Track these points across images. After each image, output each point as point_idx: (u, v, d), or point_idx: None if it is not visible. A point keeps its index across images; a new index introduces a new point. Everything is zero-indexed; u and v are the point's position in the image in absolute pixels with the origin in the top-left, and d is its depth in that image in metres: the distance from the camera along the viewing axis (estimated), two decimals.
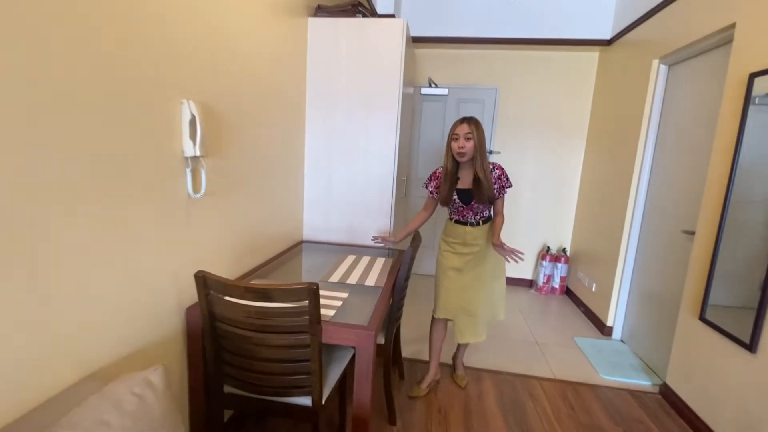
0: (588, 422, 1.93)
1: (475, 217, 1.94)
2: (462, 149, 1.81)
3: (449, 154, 1.86)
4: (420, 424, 1.85)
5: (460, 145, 1.81)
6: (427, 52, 3.80)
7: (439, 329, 2.09)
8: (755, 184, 1.71)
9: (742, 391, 1.66)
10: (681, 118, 2.41)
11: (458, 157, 1.84)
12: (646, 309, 2.60)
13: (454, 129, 1.83)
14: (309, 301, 1.16)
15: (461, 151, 1.81)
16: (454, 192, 1.90)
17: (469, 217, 1.94)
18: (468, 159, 1.84)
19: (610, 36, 3.32)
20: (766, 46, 1.70)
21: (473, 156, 1.83)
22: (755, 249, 1.67)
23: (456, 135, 1.82)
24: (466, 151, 1.81)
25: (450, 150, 1.85)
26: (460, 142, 1.81)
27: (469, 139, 1.80)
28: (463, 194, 1.89)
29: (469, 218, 1.94)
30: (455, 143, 1.82)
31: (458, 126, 1.82)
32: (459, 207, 1.92)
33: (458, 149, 1.81)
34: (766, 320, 1.58)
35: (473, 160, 1.84)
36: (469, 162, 1.86)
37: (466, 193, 1.89)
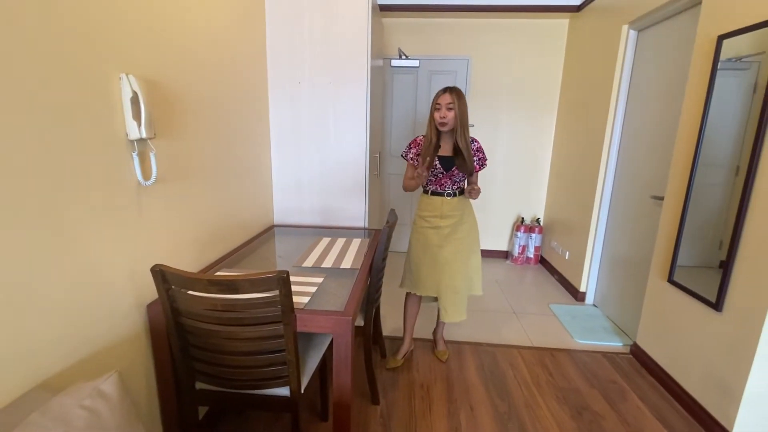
0: (565, 386, 2.00)
1: (452, 187, 1.94)
2: (444, 119, 1.81)
3: (432, 123, 1.87)
4: (403, 401, 1.85)
5: (442, 115, 1.82)
6: (395, 21, 3.64)
7: (413, 303, 2.13)
8: (721, 147, 1.73)
9: (709, 348, 1.74)
10: (650, 85, 2.42)
11: (440, 126, 1.85)
12: (617, 274, 2.68)
13: (437, 98, 1.84)
14: (280, 291, 1.09)
15: (443, 121, 1.82)
16: (436, 158, 1.89)
17: (447, 186, 1.93)
18: (449, 129, 1.84)
19: (580, 2, 3.26)
20: (734, 7, 1.69)
21: (454, 126, 1.82)
22: (720, 210, 1.71)
23: (438, 105, 1.83)
24: (448, 121, 1.81)
25: (432, 118, 1.86)
26: (442, 111, 1.81)
27: (450, 109, 1.80)
28: (444, 160, 1.90)
29: (447, 188, 1.94)
30: (437, 113, 1.83)
31: (441, 96, 1.82)
32: (439, 174, 1.91)
33: (440, 119, 1.82)
34: (731, 280, 1.64)
35: (454, 130, 1.83)
36: (449, 132, 1.87)
37: (448, 159, 1.89)
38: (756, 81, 1.58)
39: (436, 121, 1.84)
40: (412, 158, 1.96)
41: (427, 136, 1.90)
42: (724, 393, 1.65)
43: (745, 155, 1.59)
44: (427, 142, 1.89)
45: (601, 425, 1.73)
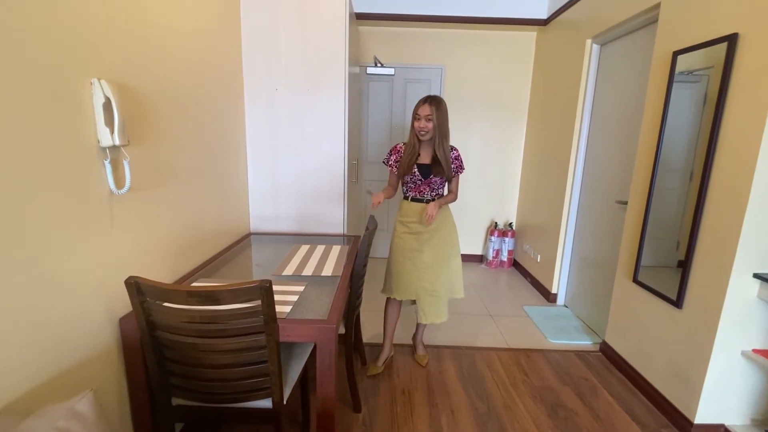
0: (540, 385, 2.06)
1: (431, 194, 1.98)
2: (423, 129, 1.87)
3: (413, 131, 1.92)
4: (385, 407, 1.85)
5: (421, 126, 1.87)
6: (371, 29, 3.68)
7: (393, 308, 2.15)
8: (678, 154, 1.86)
9: (671, 343, 1.85)
10: (613, 96, 2.56)
11: (420, 136, 1.90)
12: (586, 275, 2.81)
13: (417, 109, 1.88)
14: (262, 301, 1.07)
15: (422, 132, 1.88)
16: (415, 165, 1.93)
17: (425, 193, 1.98)
18: (428, 139, 1.90)
19: (546, 16, 3.41)
20: (688, 24, 1.83)
21: (433, 136, 1.88)
22: (678, 214, 1.83)
23: (418, 115, 1.88)
24: (427, 131, 1.88)
25: (413, 128, 1.92)
26: (421, 122, 1.87)
27: (429, 120, 1.86)
28: (422, 168, 1.94)
29: (426, 194, 1.98)
30: (417, 123, 1.88)
31: (421, 106, 1.87)
32: (417, 181, 1.96)
33: (419, 129, 1.88)
34: (690, 279, 1.75)
35: (433, 139, 1.89)
36: (429, 141, 1.92)
37: (426, 167, 1.94)
38: (706, 93, 1.71)
39: (416, 130, 1.89)
40: (392, 164, 2.00)
41: (408, 144, 1.94)
42: (685, 385, 1.75)
43: (699, 162, 1.71)
44: (409, 150, 1.93)
45: (575, 421, 1.80)
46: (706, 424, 1.71)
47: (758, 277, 1.55)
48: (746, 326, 1.61)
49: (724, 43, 1.61)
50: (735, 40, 1.57)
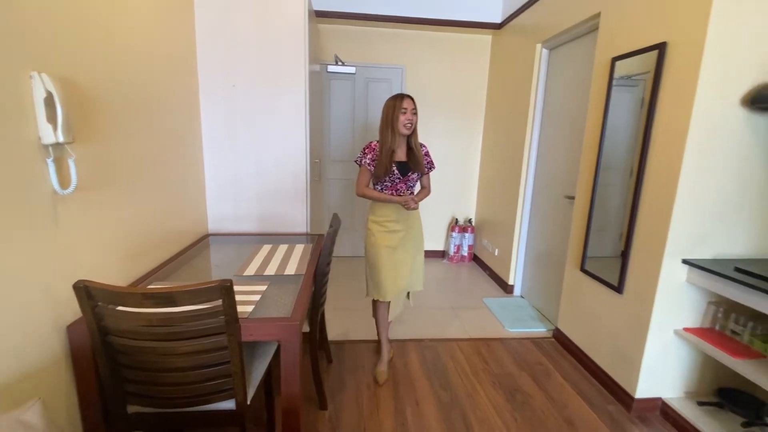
0: (500, 372, 2.16)
1: (407, 192, 1.99)
2: (410, 122, 1.87)
3: (389, 129, 1.88)
4: (351, 403, 1.87)
5: (409, 119, 1.87)
6: (331, 27, 3.67)
7: (384, 311, 2.08)
8: (618, 152, 2.02)
9: (614, 326, 2.01)
10: (561, 98, 2.73)
11: (406, 130, 1.88)
12: (540, 266, 2.97)
13: (401, 103, 1.86)
14: (223, 301, 1.06)
15: (409, 124, 1.88)
16: (393, 164, 1.91)
17: (402, 191, 1.97)
18: (411, 132, 1.91)
19: (501, 20, 3.56)
20: (625, 33, 1.99)
21: (413, 129, 1.91)
22: (621, 208, 1.99)
23: (404, 109, 1.86)
24: (413, 124, 1.89)
25: (393, 124, 1.87)
26: (408, 115, 1.87)
27: (415, 114, 1.89)
28: (400, 166, 1.93)
29: (402, 192, 1.98)
30: (404, 116, 1.86)
31: (405, 100, 1.87)
32: (396, 179, 1.93)
33: (407, 122, 1.87)
34: (629, 267, 1.91)
35: (411, 134, 1.92)
36: (403, 136, 1.93)
37: (403, 164, 1.94)
38: (642, 96, 1.87)
39: (402, 123, 1.85)
40: (369, 164, 1.93)
41: (384, 142, 1.89)
42: (627, 364, 1.92)
43: (637, 160, 1.87)
44: (387, 148, 1.88)
45: (530, 404, 1.91)
46: (645, 398, 1.87)
47: (686, 262, 1.72)
48: (678, 307, 1.78)
49: (655, 51, 1.77)
50: (664, 48, 1.73)
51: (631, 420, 1.84)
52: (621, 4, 2.01)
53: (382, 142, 1.91)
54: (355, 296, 3.12)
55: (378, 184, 1.97)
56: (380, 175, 1.90)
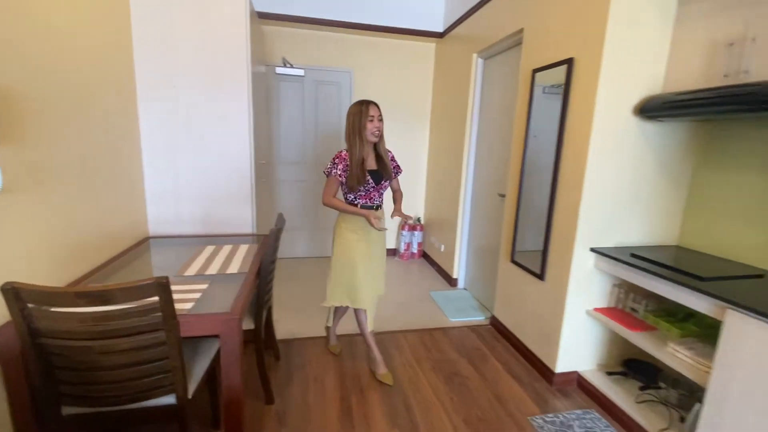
0: (440, 358, 2.33)
1: (379, 199, 2.01)
2: (379, 130, 1.88)
3: (357, 137, 1.86)
4: (298, 397, 1.94)
5: (377, 126, 1.87)
6: (279, 30, 3.69)
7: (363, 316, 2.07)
8: (544, 154, 2.25)
9: (538, 310, 2.24)
10: (494, 104, 2.96)
11: (374, 138, 1.88)
12: (479, 260, 3.20)
13: (368, 111, 1.86)
14: (160, 297, 1.10)
15: (378, 132, 1.89)
16: (367, 173, 1.90)
17: (375, 198, 1.98)
18: (379, 140, 1.92)
19: (443, 29, 3.77)
20: (543, 48, 2.22)
21: (380, 136, 1.92)
22: (541, 204, 2.22)
23: (372, 117, 1.86)
24: (380, 131, 1.90)
25: (361, 132, 1.86)
26: (376, 123, 1.87)
27: (381, 120, 1.89)
28: (373, 174, 1.93)
29: (376, 200, 1.99)
30: (371, 124, 1.86)
31: (371, 107, 1.87)
32: (370, 188, 1.93)
33: (375, 130, 1.87)
34: (548, 257, 2.15)
35: (378, 140, 1.93)
36: (370, 144, 1.93)
37: (376, 173, 1.95)
38: (561, 103, 2.10)
39: (370, 131, 1.86)
40: (339, 174, 1.89)
41: (355, 152, 1.87)
42: (548, 343, 2.15)
43: (553, 161, 2.11)
44: (358, 158, 1.86)
45: (467, 385, 2.08)
46: (564, 372, 2.11)
47: (593, 250, 1.97)
48: (588, 290, 2.03)
49: (565, 65, 2.01)
50: (572, 63, 1.97)
51: (553, 393, 2.06)
52: (539, 22, 2.25)
53: (350, 151, 1.88)
54: (305, 296, 3.17)
55: (351, 194, 1.94)
56: (354, 185, 1.87)
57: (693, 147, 1.96)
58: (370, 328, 2.07)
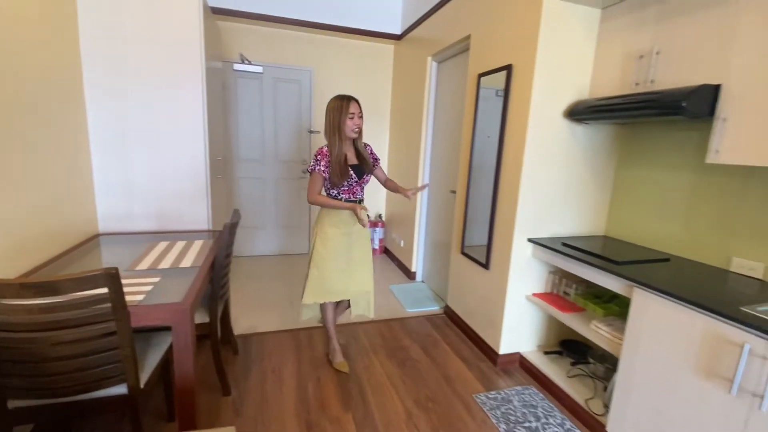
0: (395, 346, 2.45)
1: (361, 193, 2.06)
2: (358, 127, 1.93)
3: (336, 134, 1.90)
4: (256, 387, 1.99)
5: (357, 123, 1.92)
6: (236, 26, 3.67)
7: (332, 311, 2.18)
8: (488, 153, 2.42)
9: (484, 297, 2.41)
10: (447, 106, 3.12)
11: (354, 134, 1.93)
12: (435, 253, 3.36)
13: (348, 108, 1.89)
14: (109, 288, 1.13)
15: (358, 129, 1.93)
16: (349, 168, 1.94)
17: (358, 193, 2.03)
18: (359, 135, 1.97)
19: (400, 32, 3.90)
20: (487, 54, 2.39)
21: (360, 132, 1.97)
22: (487, 200, 2.39)
23: (352, 114, 1.90)
24: (360, 127, 1.95)
25: (342, 129, 1.90)
26: (356, 120, 1.91)
27: (361, 117, 1.94)
28: (355, 169, 1.98)
29: (358, 194, 2.04)
30: (351, 121, 1.90)
31: (352, 104, 1.90)
32: (353, 183, 1.98)
33: (355, 127, 1.92)
34: (492, 248, 2.32)
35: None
36: (350, 139, 1.98)
37: (357, 167, 2.00)
38: (502, 107, 2.27)
39: (350, 128, 1.90)
40: (323, 170, 1.92)
41: (335, 148, 1.91)
42: (493, 326, 2.32)
43: (495, 159, 2.28)
44: (339, 154, 1.90)
45: (417, 368, 2.22)
46: (507, 353, 2.29)
47: (531, 241, 2.16)
48: (527, 277, 2.22)
49: (504, 71, 2.18)
50: (511, 69, 2.14)
51: (497, 372, 2.24)
52: (484, 29, 2.42)
53: (330, 148, 1.92)
54: (265, 293, 3.20)
55: (334, 189, 1.98)
56: (337, 181, 1.91)
57: (615, 147, 2.19)
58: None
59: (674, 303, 1.40)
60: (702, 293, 1.40)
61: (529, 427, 1.79)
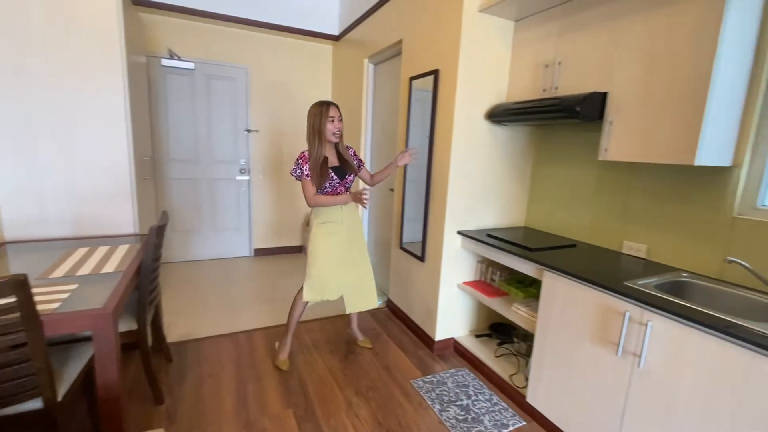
0: (338, 341, 2.50)
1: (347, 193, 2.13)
2: (339, 130, 1.99)
3: (317, 138, 1.96)
4: (191, 393, 1.94)
5: (337, 127, 1.99)
6: (164, 20, 3.48)
7: (302, 306, 2.19)
8: (420, 153, 2.55)
9: (421, 288, 2.55)
10: (384, 107, 3.23)
11: (335, 138, 2.00)
12: (379, 250, 3.45)
13: (328, 112, 1.96)
14: (17, 296, 1.06)
15: (339, 132, 2.00)
16: (329, 170, 2.00)
17: (342, 193, 2.10)
18: (340, 139, 2.03)
19: (338, 33, 3.95)
20: (417, 58, 2.52)
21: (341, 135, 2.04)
22: (421, 196, 2.53)
23: (332, 117, 1.97)
24: (341, 131, 2.01)
25: (322, 132, 1.96)
26: (336, 123, 1.98)
27: (341, 120, 2.01)
28: (336, 170, 2.04)
29: (342, 193, 2.10)
30: (332, 125, 1.97)
31: (332, 108, 1.97)
32: (335, 184, 2.04)
33: (336, 130, 1.99)
34: (427, 241, 2.46)
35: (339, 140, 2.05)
36: (331, 143, 2.04)
37: (339, 169, 2.06)
38: (431, 109, 2.41)
39: (330, 131, 1.97)
40: (308, 174, 1.99)
41: (314, 151, 1.98)
42: (429, 315, 2.46)
43: (427, 158, 2.42)
44: (318, 156, 1.97)
45: (359, 361, 2.29)
46: (442, 339, 2.44)
47: (459, 233, 2.32)
48: (458, 267, 2.38)
49: (432, 75, 2.32)
50: (438, 74, 2.29)
51: (433, 358, 2.38)
52: (414, 35, 2.55)
53: (311, 151, 1.98)
54: (200, 298, 3.09)
55: (317, 191, 2.04)
56: (319, 183, 1.98)
57: (531, 146, 2.43)
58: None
59: (575, 282, 1.61)
60: (597, 272, 1.62)
61: (461, 405, 1.94)
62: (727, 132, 1.48)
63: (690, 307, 1.29)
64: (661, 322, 1.31)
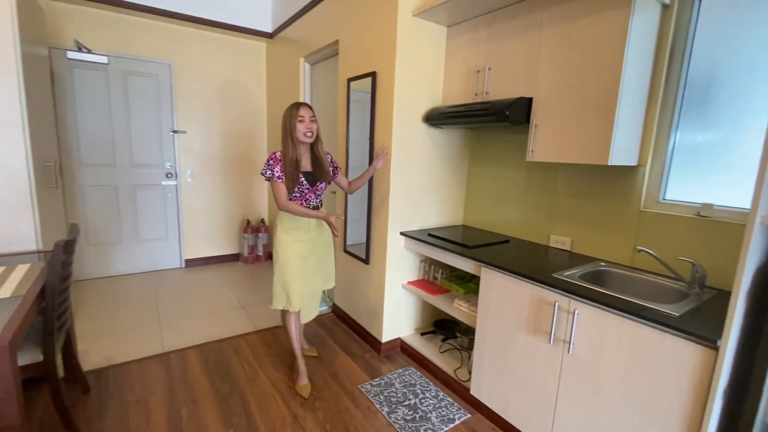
0: (281, 352, 2.40)
1: (316, 200, 2.04)
2: (310, 130, 1.90)
3: (289, 139, 1.88)
4: (114, 425, 1.73)
5: (308, 127, 1.89)
6: (70, 8, 3.10)
7: (295, 320, 2.08)
8: (363, 155, 2.53)
9: (367, 290, 2.54)
10: (322, 107, 3.17)
11: (306, 138, 1.90)
12: None
13: (298, 112, 1.88)
14: None
15: (309, 133, 1.90)
16: (300, 174, 1.91)
17: (311, 200, 2.01)
18: (313, 140, 1.93)
19: (272, 30, 3.80)
20: (355, 59, 2.50)
21: (316, 137, 1.94)
22: (364, 201, 2.51)
23: (302, 117, 1.88)
24: (314, 132, 1.92)
25: (292, 133, 1.88)
26: (307, 123, 1.89)
27: (313, 121, 1.92)
28: (307, 176, 1.95)
29: (312, 201, 2.02)
30: (301, 125, 1.88)
31: (302, 108, 1.89)
32: (305, 189, 1.96)
33: (307, 131, 1.89)
34: (371, 242, 2.45)
35: (314, 142, 1.95)
36: (306, 146, 1.96)
37: (310, 174, 1.97)
38: (370, 110, 2.40)
39: (301, 132, 1.87)
40: (279, 176, 1.90)
41: (287, 152, 1.89)
42: (376, 317, 2.46)
43: (367, 160, 2.41)
44: (291, 159, 1.88)
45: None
46: (389, 340, 2.45)
47: (403, 234, 2.35)
48: (402, 267, 2.41)
49: (370, 78, 2.32)
50: (375, 76, 2.29)
51: (380, 360, 2.38)
52: (351, 36, 2.53)
53: (284, 152, 1.91)
54: (122, 318, 2.80)
55: (288, 194, 1.95)
56: (289, 186, 1.91)
57: (467, 148, 2.53)
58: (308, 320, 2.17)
59: (509, 276, 1.70)
60: (528, 266, 1.72)
61: (408, 405, 1.96)
62: (633, 134, 1.65)
63: (609, 294, 1.41)
64: (586, 310, 1.42)
